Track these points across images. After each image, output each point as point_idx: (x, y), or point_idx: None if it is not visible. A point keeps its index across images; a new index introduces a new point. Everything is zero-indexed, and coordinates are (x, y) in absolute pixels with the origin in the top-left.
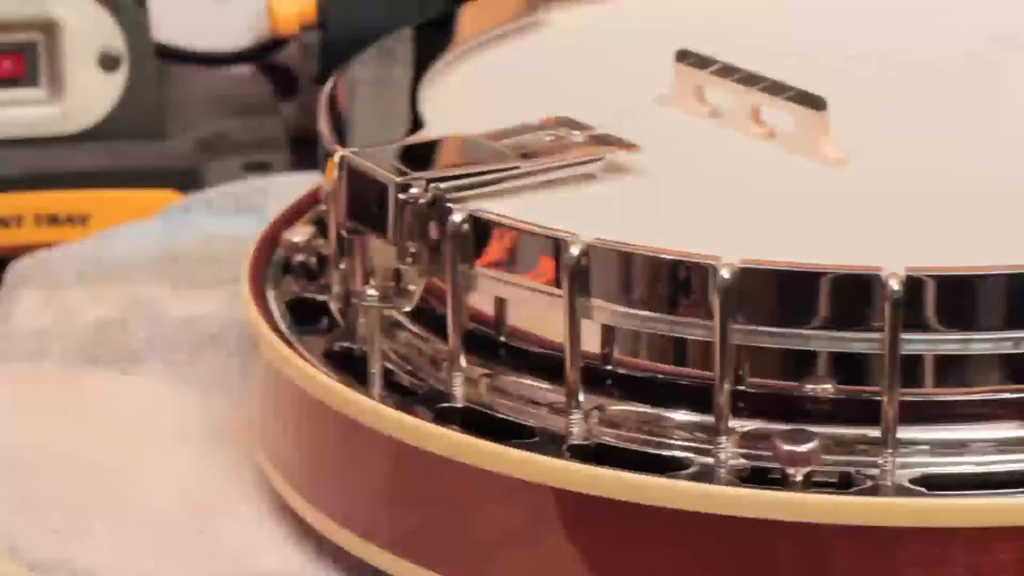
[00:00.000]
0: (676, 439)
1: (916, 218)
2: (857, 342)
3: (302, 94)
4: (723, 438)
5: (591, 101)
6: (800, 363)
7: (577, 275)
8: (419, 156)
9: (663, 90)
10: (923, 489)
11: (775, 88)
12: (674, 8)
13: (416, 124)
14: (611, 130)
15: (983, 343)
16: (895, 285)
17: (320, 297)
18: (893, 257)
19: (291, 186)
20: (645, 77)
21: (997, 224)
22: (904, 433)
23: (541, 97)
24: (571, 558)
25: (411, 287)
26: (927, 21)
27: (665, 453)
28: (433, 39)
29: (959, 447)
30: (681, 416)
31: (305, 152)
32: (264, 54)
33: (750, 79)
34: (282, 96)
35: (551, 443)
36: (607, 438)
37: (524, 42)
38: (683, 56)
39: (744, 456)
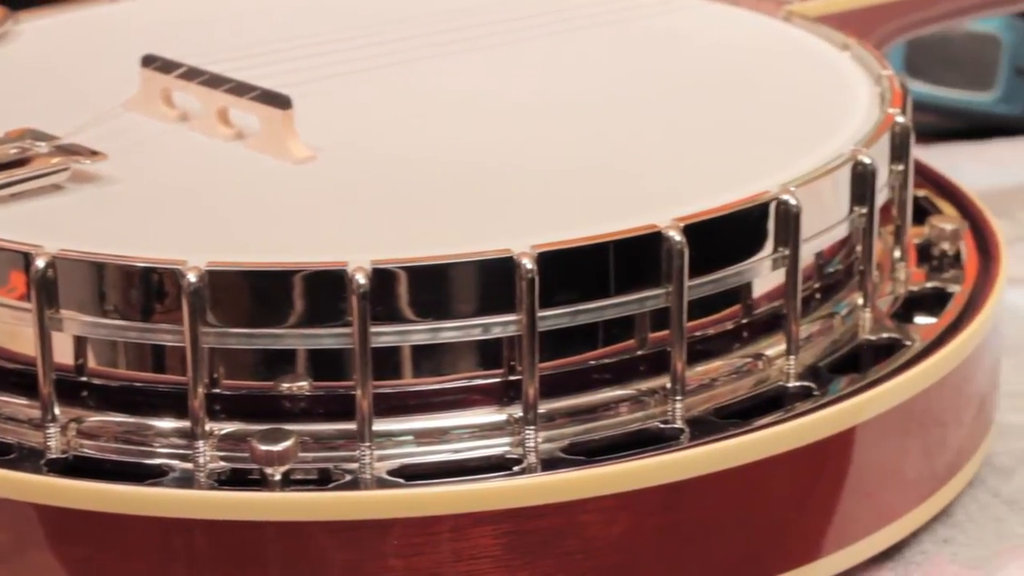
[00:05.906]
0: (157, 446)
1: (387, 210)
2: (329, 338)
3: None
4: (200, 442)
5: (61, 110)
6: (275, 362)
7: (44, 287)
8: None
9: (131, 96)
10: (401, 480)
11: (240, 89)
12: (147, 14)
13: None
14: (78, 139)
15: (453, 331)
16: (361, 279)
17: None
18: (363, 251)
19: None
20: (116, 84)
21: (466, 210)
22: (382, 425)
23: (10, 109)
24: (58, 574)
25: None
26: (397, 7)
27: (147, 461)
28: None
29: (438, 435)
30: (161, 423)
31: None
32: None
33: (215, 81)
34: None
35: (29, 459)
36: (87, 450)
37: None
38: (148, 61)
39: (224, 459)
